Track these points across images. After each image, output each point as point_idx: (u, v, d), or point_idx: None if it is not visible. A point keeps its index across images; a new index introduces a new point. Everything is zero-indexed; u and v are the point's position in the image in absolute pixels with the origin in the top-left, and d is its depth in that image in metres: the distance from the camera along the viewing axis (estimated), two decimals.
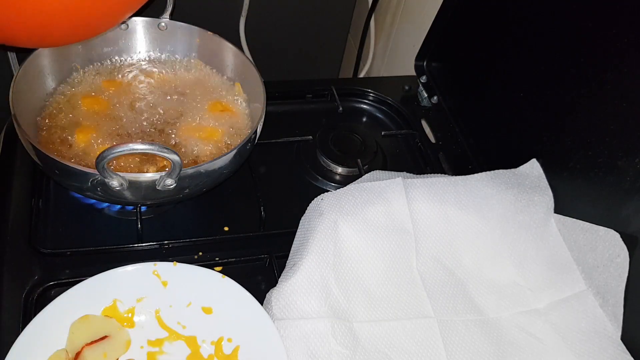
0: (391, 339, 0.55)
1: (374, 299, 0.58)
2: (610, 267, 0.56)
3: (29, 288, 0.57)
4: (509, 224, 0.62)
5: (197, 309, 0.56)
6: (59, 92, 0.69)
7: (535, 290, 0.60)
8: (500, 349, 0.56)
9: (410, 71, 0.91)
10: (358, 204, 0.61)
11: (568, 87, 0.63)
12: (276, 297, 0.55)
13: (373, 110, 0.88)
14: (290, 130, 0.79)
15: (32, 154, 0.58)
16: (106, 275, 0.55)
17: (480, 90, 0.80)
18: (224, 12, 1.06)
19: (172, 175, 0.54)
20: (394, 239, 0.61)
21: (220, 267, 0.62)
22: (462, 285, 0.60)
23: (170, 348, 0.54)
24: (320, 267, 0.56)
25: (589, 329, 0.56)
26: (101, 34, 0.71)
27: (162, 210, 0.68)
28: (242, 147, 0.61)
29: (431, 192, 0.63)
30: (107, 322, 0.54)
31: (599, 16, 0.59)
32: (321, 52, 1.22)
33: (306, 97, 0.87)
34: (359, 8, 1.19)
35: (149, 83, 0.74)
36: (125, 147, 0.50)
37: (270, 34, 1.14)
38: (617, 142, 0.57)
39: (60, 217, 0.65)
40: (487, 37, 0.77)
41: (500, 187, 0.64)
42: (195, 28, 0.74)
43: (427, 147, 0.81)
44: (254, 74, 0.70)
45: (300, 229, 0.61)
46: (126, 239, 0.63)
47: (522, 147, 0.70)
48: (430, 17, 0.84)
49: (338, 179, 0.75)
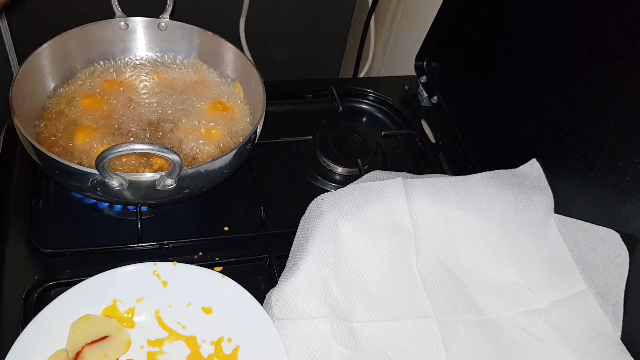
0: (391, 339, 0.55)
1: (374, 299, 0.58)
2: (610, 267, 0.56)
3: (29, 288, 0.57)
4: (509, 224, 0.62)
5: (197, 309, 0.56)
6: (59, 92, 0.69)
7: (535, 290, 0.60)
8: (500, 349, 0.56)
9: (410, 71, 0.91)
10: (358, 204, 0.61)
11: (568, 87, 0.63)
12: (276, 297, 0.55)
13: (373, 110, 0.88)
14: (290, 130, 0.79)
15: (32, 154, 0.58)
16: (106, 275, 0.55)
17: (480, 90, 0.80)
18: (224, 12, 1.06)
19: (172, 175, 0.54)
20: (394, 238, 0.61)
21: (220, 267, 0.62)
22: (462, 285, 0.60)
23: (170, 348, 0.54)
24: (320, 267, 0.56)
25: (589, 329, 0.56)
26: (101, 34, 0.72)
27: (162, 210, 0.68)
28: (242, 147, 0.61)
29: (431, 192, 0.63)
30: (107, 322, 0.54)
31: (599, 16, 0.59)
32: (321, 52, 1.22)
33: (306, 97, 0.87)
34: (359, 8, 1.19)
35: (149, 83, 0.74)
36: (125, 147, 0.50)
37: (270, 34, 1.14)
38: (617, 142, 0.57)
39: (60, 217, 0.65)
40: (487, 37, 0.77)
41: (500, 187, 0.64)
42: (195, 28, 0.74)
43: (427, 147, 0.81)
44: (254, 74, 0.70)
45: (300, 229, 0.61)
46: (126, 239, 0.63)
47: (522, 147, 0.70)
48: (430, 17, 0.84)
49: (338, 179, 0.75)
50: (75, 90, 0.70)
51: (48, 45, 0.67)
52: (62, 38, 0.68)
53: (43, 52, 0.66)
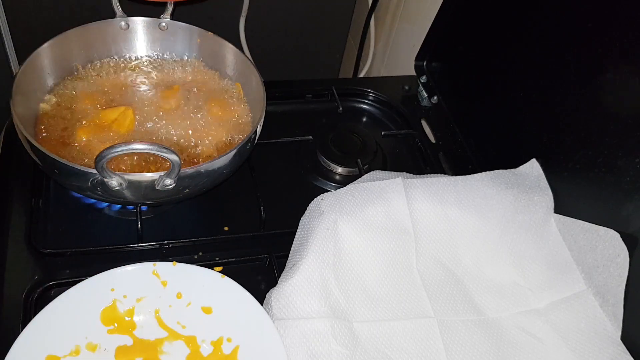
0: (391, 339, 0.55)
1: (374, 299, 0.58)
2: (610, 267, 0.56)
3: (29, 288, 0.57)
4: (509, 224, 0.62)
5: (196, 309, 0.56)
6: (59, 92, 0.69)
7: (535, 290, 0.60)
8: (500, 349, 0.56)
9: (410, 71, 0.91)
10: (358, 203, 0.61)
11: (568, 87, 0.63)
12: (276, 297, 0.55)
13: (373, 110, 0.88)
14: (290, 130, 0.79)
15: (32, 153, 0.58)
16: (106, 275, 0.55)
17: (480, 90, 0.80)
18: (224, 12, 1.06)
19: (172, 175, 0.54)
20: (394, 238, 0.61)
21: (220, 267, 0.62)
22: (462, 285, 0.60)
23: (169, 348, 0.54)
24: (320, 267, 0.56)
25: (589, 329, 0.56)
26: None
27: (162, 210, 0.68)
28: (242, 147, 0.61)
29: (431, 192, 0.63)
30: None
31: (599, 16, 0.58)
32: (321, 52, 1.22)
33: (306, 97, 0.87)
34: (359, 8, 1.19)
35: (149, 83, 0.74)
36: (125, 147, 0.50)
37: (270, 34, 1.14)
38: (617, 142, 0.57)
39: (60, 217, 0.65)
40: (487, 37, 0.77)
41: (500, 187, 0.64)
42: (195, 28, 0.74)
43: (427, 147, 0.81)
44: (254, 74, 0.70)
45: (300, 229, 0.61)
46: (126, 239, 0.63)
47: (522, 147, 0.70)
48: (430, 17, 0.84)
49: (338, 179, 0.75)
50: (75, 90, 0.70)
51: (48, 45, 0.67)
52: (62, 38, 0.68)
53: (43, 51, 0.66)
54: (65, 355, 0.51)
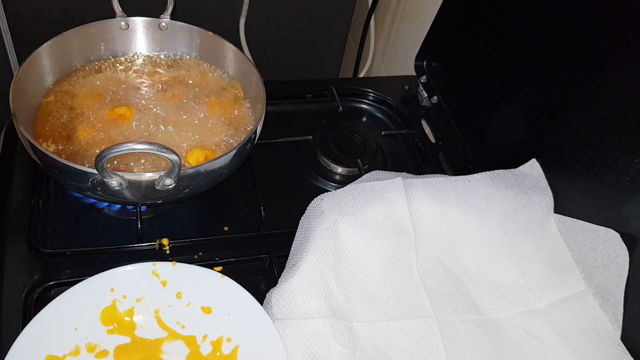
0: (391, 339, 0.55)
1: (374, 299, 0.58)
2: (610, 267, 0.56)
3: (29, 288, 0.57)
4: (509, 224, 0.62)
5: (196, 309, 0.56)
6: (59, 92, 0.69)
7: (535, 290, 0.60)
8: (500, 349, 0.56)
9: (410, 71, 0.91)
10: (358, 204, 0.61)
11: (568, 87, 0.63)
12: (276, 297, 0.55)
13: (373, 110, 0.88)
14: (290, 130, 0.79)
15: (32, 153, 0.58)
16: (106, 275, 0.55)
17: (480, 90, 0.80)
18: (224, 12, 1.06)
19: (172, 175, 0.54)
20: (394, 238, 0.61)
21: (220, 267, 0.62)
22: (462, 285, 0.60)
23: (169, 348, 0.54)
24: (320, 267, 0.56)
25: (589, 329, 0.56)
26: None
27: (162, 210, 0.68)
28: (242, 147, 0.61)
29: (431, 192, 0.63)
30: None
31: (599, 16, 0.58)
32: (321, 52, 1.22)
33: (306, 97, 0.87)
34: (359, 8, 1.19)
35: (149, 83, 0.74)
36: (125, 147, 0.50)
37: (270, 34, 1.14)
38: (617, 142, 0.57)
39: (60, 217, 0.65)
40: (487, 37, 0.77)
41: (500, 187, 0.64)
42: (195, 28, 0.74)
43: (427, 147, 0.81)
44: (254, 74, 0.70)
45: (300, 229, 0.61)
46: (126, 239, 0.63)
47: (522, 147, 0.70)
48: (430, 17, 0.84)
49: (338, 179, 0.75)
50: (75, 89, 0.70)
51: (48, 45, 0.67)
52: (62, 38, 0.68)
53: (43, 51, 0.66)
54: (65, 355, 0.51)
